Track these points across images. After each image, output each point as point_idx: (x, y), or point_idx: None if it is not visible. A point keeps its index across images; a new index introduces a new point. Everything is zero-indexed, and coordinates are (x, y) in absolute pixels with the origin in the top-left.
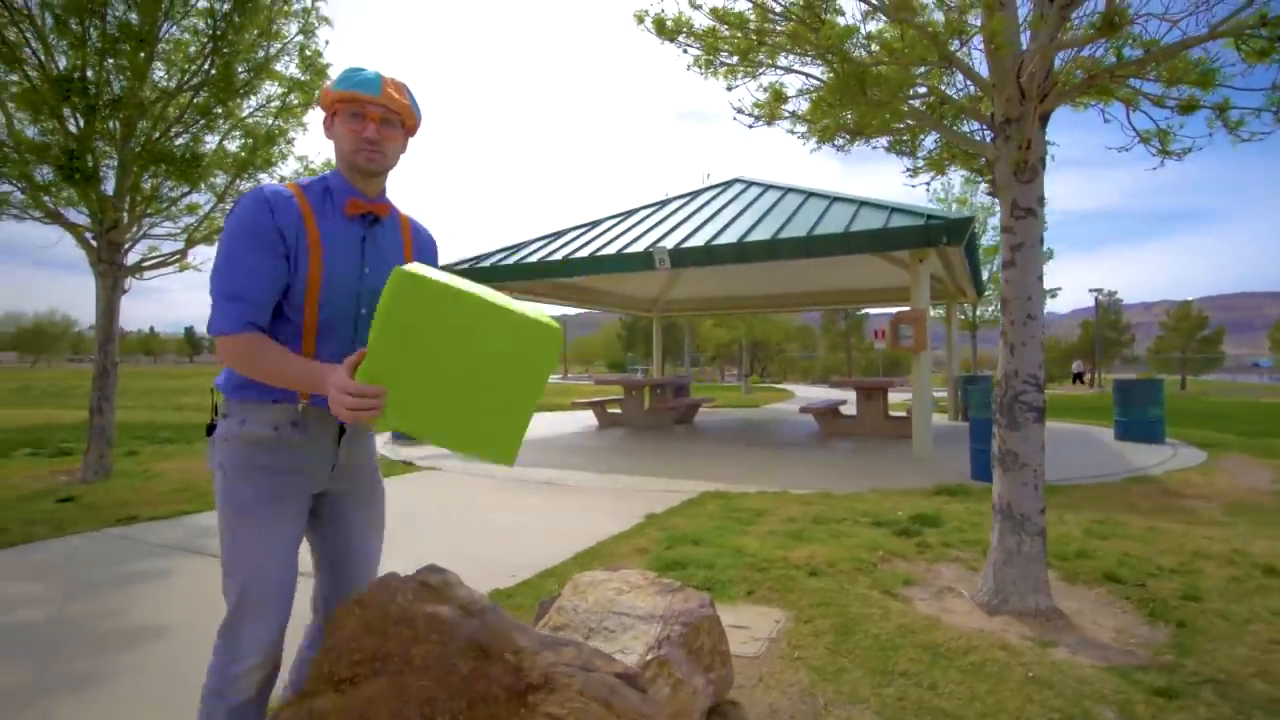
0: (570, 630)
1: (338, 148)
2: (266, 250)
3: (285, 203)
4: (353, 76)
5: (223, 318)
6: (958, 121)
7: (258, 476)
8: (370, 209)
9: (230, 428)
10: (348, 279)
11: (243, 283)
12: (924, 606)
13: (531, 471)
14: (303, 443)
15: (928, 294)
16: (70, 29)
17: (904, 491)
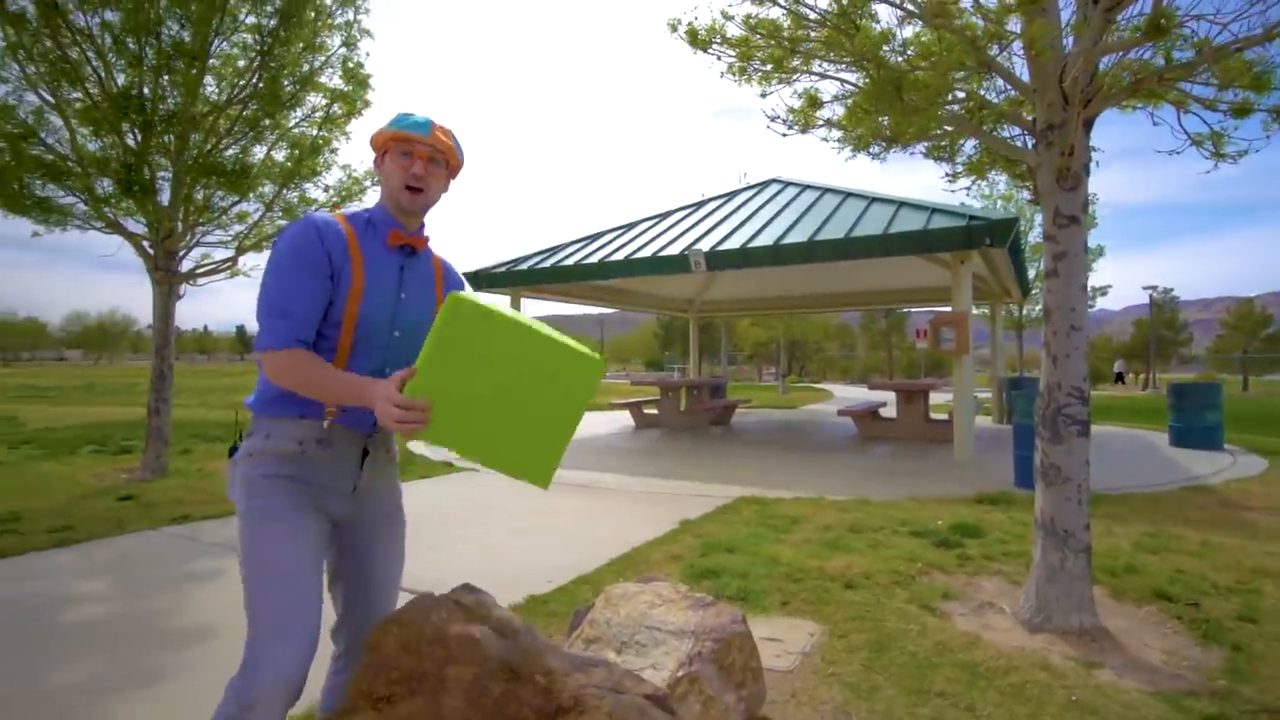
0: (603, 644)
1: (385, 184)
2: (313, 271)
3: (332, 229)
4: (405, 119)
5: (270, 334)
6: (998, 127)
7: (284, 486)
8: (410, 241)
9: (254, 443)
10: (385, 302)
11: (290, 302)
12: (963, 622)
13: (568, 474)
14: (327, 460)
15: (970, 295)
16: (127, 48)
17: (944, 499)
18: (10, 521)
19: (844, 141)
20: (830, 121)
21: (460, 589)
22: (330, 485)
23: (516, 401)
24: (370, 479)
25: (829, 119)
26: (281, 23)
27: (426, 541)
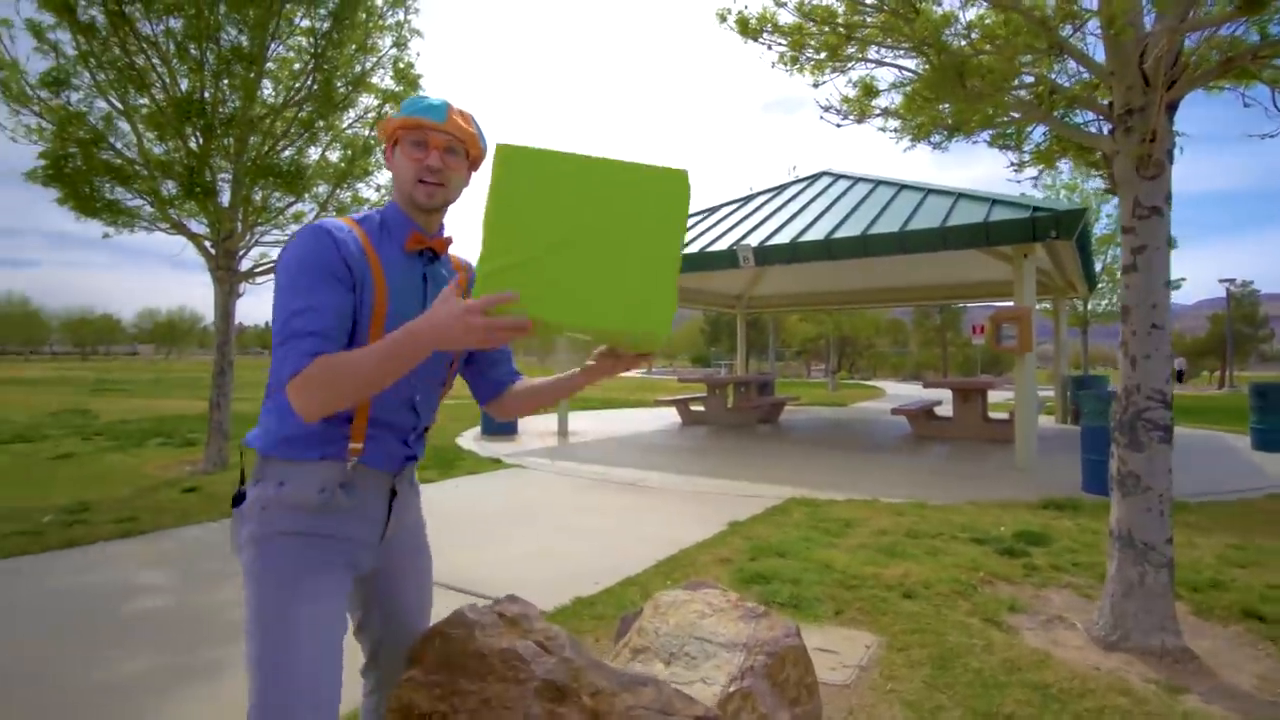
0: (651, 654)
1: (397, 178)
2: (332, 281)
3: (345, 232)
4: (417, 103)
5: (289, 360)
6: (1070, 113)
7: (302, 545)
8: (430, 244)
9: (266, 492)
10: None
11: (309, 319)
12: (1032, 638)
13: (615, 471)
14: (352, 508)
15: (1033, 291)
16: (189, 54)
17: (1006, 504)
18: (80, 512)
19: (902, 131)
20: (888, 110)
21: (505, 600)
22: (356, 537)
23: (603, 244)
24: (397, 521)
25: (886, 108)
26: (334, 25)
27: (472, 539)
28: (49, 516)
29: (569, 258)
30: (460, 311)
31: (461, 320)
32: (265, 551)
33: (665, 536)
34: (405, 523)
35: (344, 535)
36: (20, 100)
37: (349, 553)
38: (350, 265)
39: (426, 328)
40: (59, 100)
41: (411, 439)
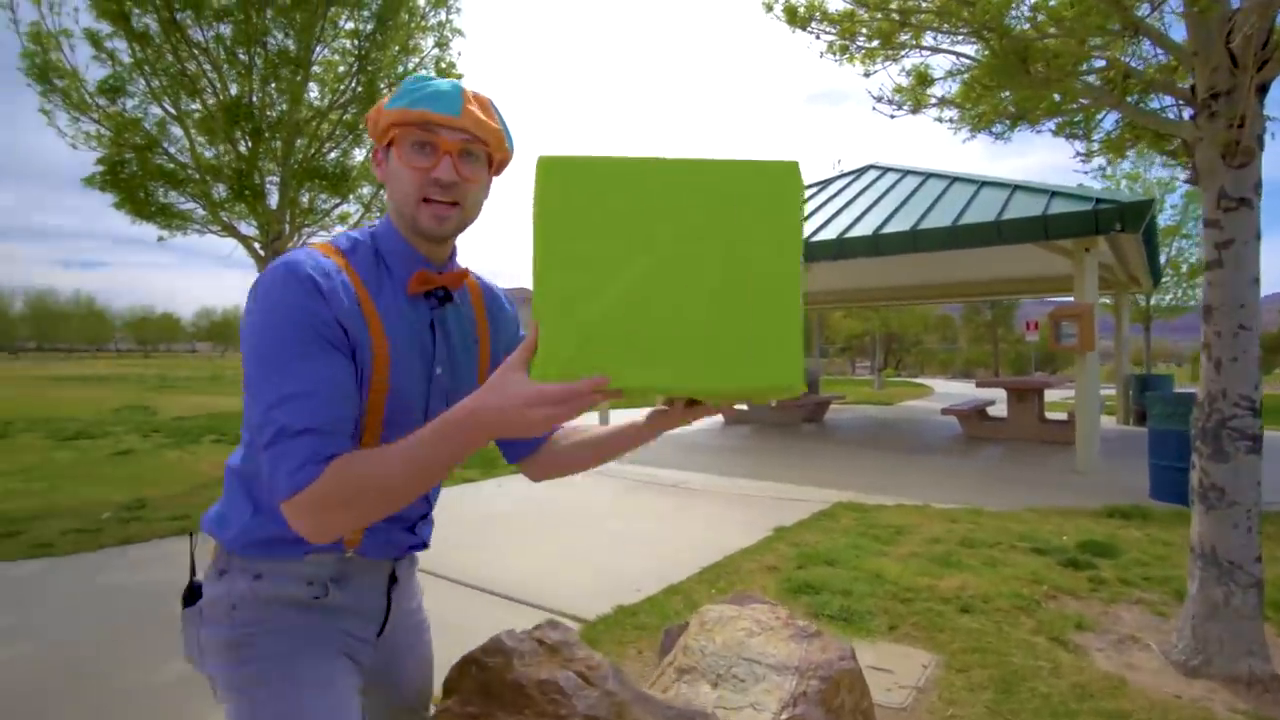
0: (697, 675)
1: (394, 193)
2: (327, 350)
3: (334, 279)
4: (420, 88)
5: (286, 470)
6: (1145, 98)
7: (300, 636)
8: (442, 282)
9: (235, 588)
10: (417, 389)
11: (304, 409)
12: (1103, 660)
13: (658, 473)
14: (346, 606)
15: (1095, 286)
16: (238, 59)
17: (1067, 511)
18: (137, 509)
19: (960, 121)
20: (944, 100)
21: (545, 625)
22: (351, 631)
23: (699, 275)
24: (398, 610)
25: (943, 97)
26: (378, 27)
27: (515, 541)
28: (107, 514)
29: (655, 299)
30: (521, 403)
31: (522, 414)
32: (248, 658)
33: (709, 542)
34: (406, 608)
35: (337, 628)
36: (81, 108)
37: (346, 643)
38: (345, 324)
39: (470, 421)
40: (115, 107)
41: (419, 525)
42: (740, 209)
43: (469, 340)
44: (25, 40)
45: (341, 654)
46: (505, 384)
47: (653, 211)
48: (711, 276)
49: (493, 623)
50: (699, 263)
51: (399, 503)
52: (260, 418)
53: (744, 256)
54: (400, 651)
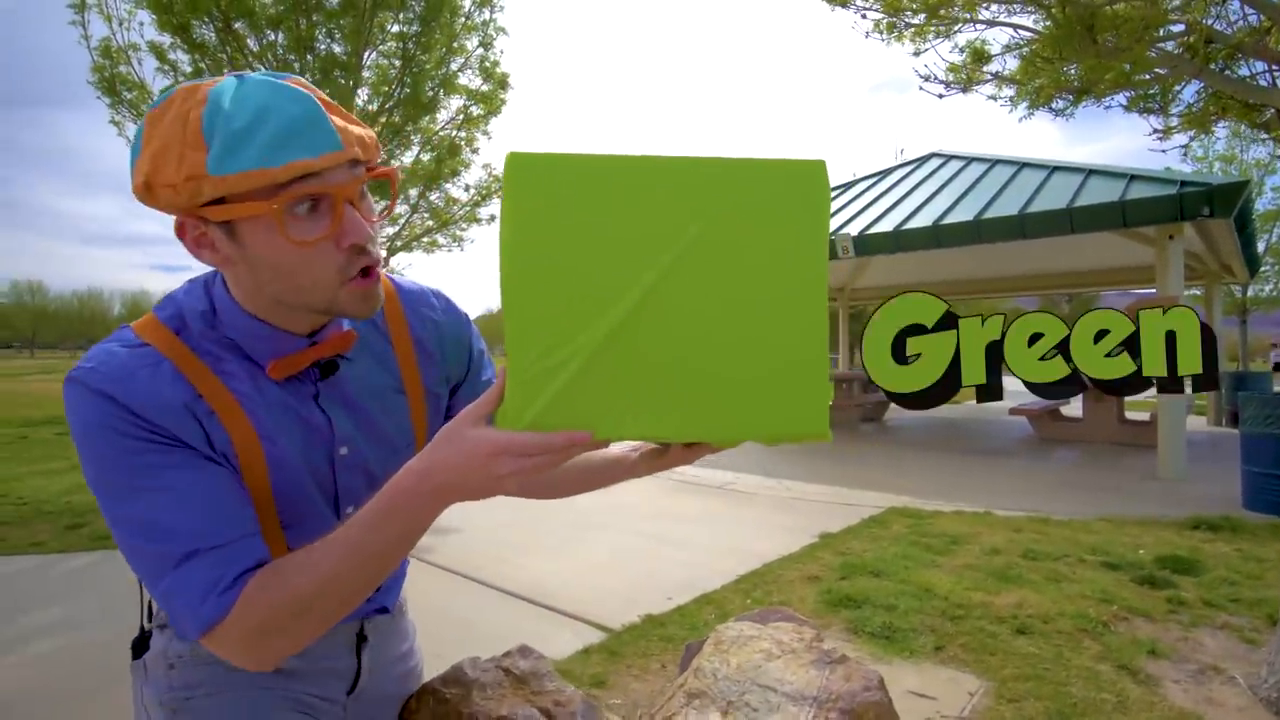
0: (707, 700)
1: (272, 285)
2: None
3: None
4: (261, 120)
5: (192, 605)
6: (1231, 65)
7: (233, 701)
8: (318, 355)
9: (171, 646)
10: (315, 481)
11: (179, 534)
12: (1178, 694)
13: (697, 472)
14: (301, 669)
15: (1180, 276)
16: (290, 65)
17: (1146, 522)
18: None
19: (1018, 98)
20: (1000, 76)
21: (516, 651)
22: (311, 693)
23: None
24: (372, 667)
25: (998, 73)
26: (423, 28)
27: (548, 543)
28: None
29: (651, 331)
30: (484, 457)
31: (486, 470)
32: (189, 713)
33: (750, 548)
34: (387, 658)
35: (289, 690)
36: None
37: (306, 705)
38: (171, 427)
39: (426, 487)
40: None
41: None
42: (755, 219)
43: (388, 393)
44: (96, 55)
45: (296, 714)
46: (463, 435)
47: (649, 222)
48: (720, 303)
49: (516, 628)
50: (704, 286)
51: (354, 602)
52: (133, 563)
53: (759, 278)
54: (383, 705)
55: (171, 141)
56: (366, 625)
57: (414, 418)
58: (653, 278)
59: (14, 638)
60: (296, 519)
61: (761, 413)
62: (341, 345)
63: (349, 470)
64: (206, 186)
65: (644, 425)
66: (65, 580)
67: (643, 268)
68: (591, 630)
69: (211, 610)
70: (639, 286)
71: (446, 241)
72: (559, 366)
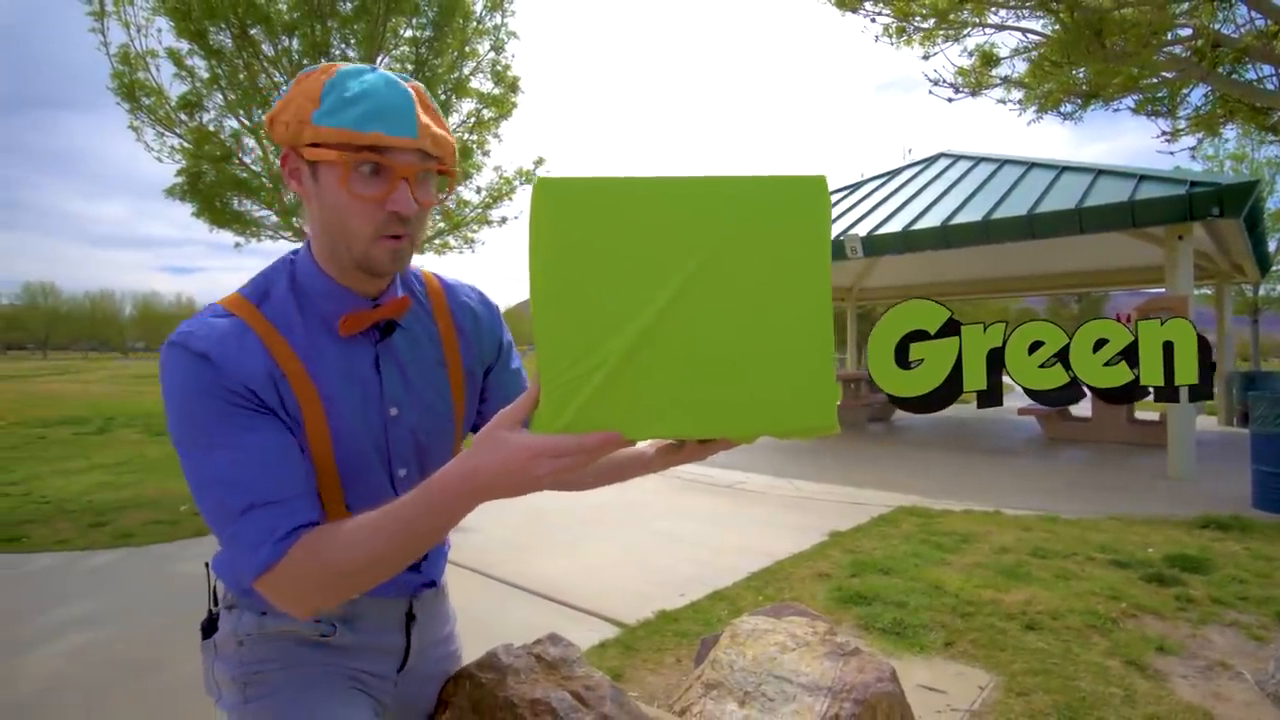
0: (724, 691)
1: (332, 225)
2: (248, 418)
3: (234, 343)
4: (365, 97)
5: (249, 549)
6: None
7: (308, 674)
8: (380, 316)
9: (242, 624)
10: (370, 438)
11: (247, 487)
12: (1186, 689)
13: (713, 471)
14: (356, 645)
15: (1190, 276)
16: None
17: (1155, 520)
18: None
19: (1026, 102)
20: (1009, 80)
21: (546, 639)
22: (367, 670)
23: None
24: (420, 645)
25: (1007, 77)
26: (435, 33)
27: (562, 540)
28: (185, 506)
29: (671, 338)
30: (526, 458)
31: (526, 471)
32: (253, 695)
33: (759, 546)
34: (432, 639)
35: (348, 665)
36: (165, 123)
37: (364, 683)
38: (255, 388)
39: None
40: (194, 121)
41: (424, 563)
42: (763, 232)
43: (432, 365)
44: (115, 62)
45: (354, 690)
46: (504, 439)
47: (667, 238)
48: (733, 310)
49: (533, 624)
50: (719, 295)
51: (391, 574)
52: (206, 506)
53: (768, 286)
54: (428, 686)
55: (298, 95)
56: (415, 604)
57: (454, 391)
58: (672, 289)
59: (41, 632)
60: (354, 476)
61: (774, 409)
62: (398, 309)
63: (399, 431)
64: (307, 131)
65: (668, 425)
66: (88, 577)
67: (662, 280)
68: (607, 625)
69: (267, 556)
70: (660, 298)
71: (458, 243)
72: (589, 373)
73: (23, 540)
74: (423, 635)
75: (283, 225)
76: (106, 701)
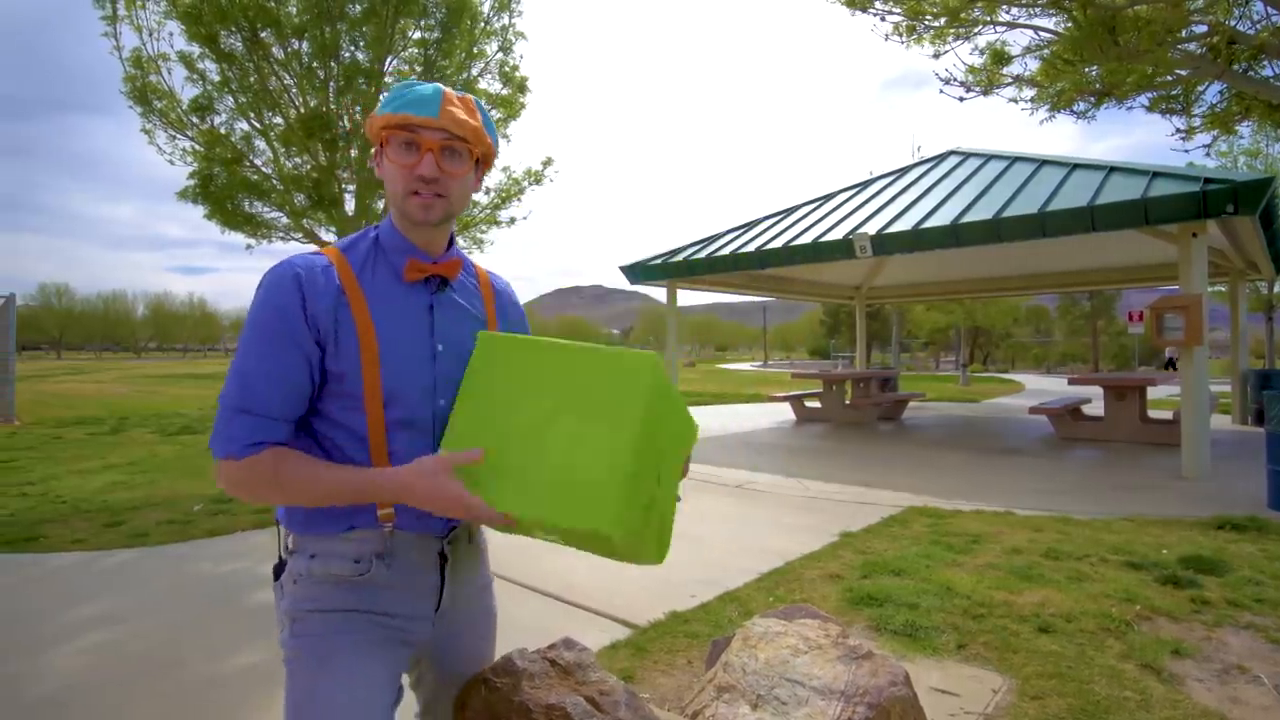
0: (737, 694)
1: (388, 189)
2: (289, 347)
3: (319, 278)
4: (403, 94)
5: (224, 438)
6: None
7: (339, 621)
8: (436, 270)
9: (298, 565)
10: (417, 364)
11: (252, 391)
12: (1202, 692)
13: (723, 472)
14: (393, 582)
15: (1204, 274)
16: (314, 72)
17: (1170, 521)
18: (226, 502)
19: (1038, 100)
20: (1021, 79)
21: (560, 643)
22: (405, 612)
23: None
24: (454, 586)
25: (1019, 75)
26: (444, 34)
27: None
28: (198, 506)
29: (528, 448)
30: (447, 499)
31: (444, 508)
32: (297, 631)
33: (771, 547)
34: (465, 581)
35: (389, 611)
36: (177, 126)
37: (397, 628)
38: (317, 321)
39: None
40: (206, 124)
41: None
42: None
43: (473, 320)
44: (127, 65)
45: (384, 644)
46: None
47: (545, 384)
48: (566, 438)
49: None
50: (562, 427)
51: (314, 505)
52: (227, 385)
53: (595, 426)
54: (461, 628)
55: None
56: (448, 546)
57: None
58: (538, 415)
59: (62, 630)
60: (397, 393)
61: (573, 508)
62: (451, 269)
63: (442, 366)
64: (374, 122)
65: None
66: (105, 576)
67: (535, 408)
68: (618, 626)
69: (237, 450)
70: (528, 419)
71: (467, 243)
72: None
73: (40, 540)
74: (456, 574)
75: (293, 227)
76: (127, 699)
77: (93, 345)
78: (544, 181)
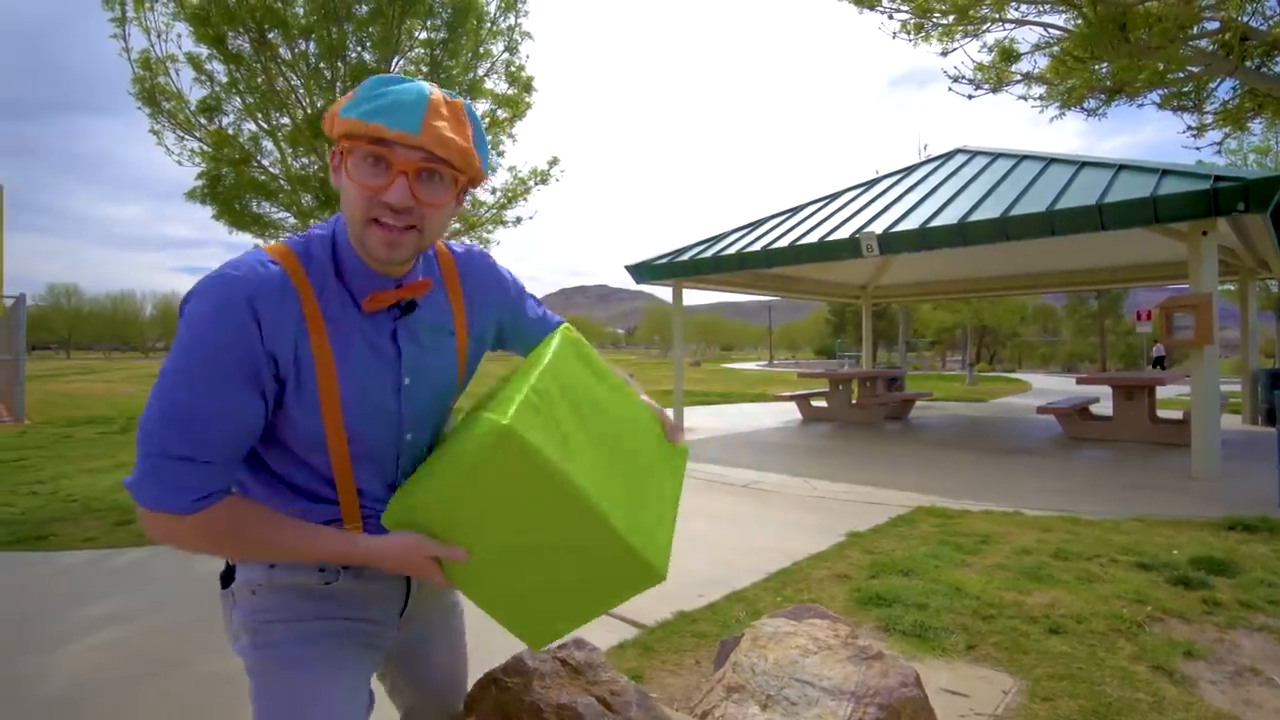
0: (746, 695)
1: (345, 211)
2: (242, 384)
3: (277, 300)
4: (379, 95)
5: (166, 489)
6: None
7: (305, 630)
8: (401, 295)
9: (254, 575)
10: (381, 398)
11: (203, 434)
12: (1215, 694)
13: (729, 472)
14: (360, 590)
15: (1214, 273)
16: (321, 73)
17: (1180, 522)
18: None
19: (1048, 98)
20: (1030, 76)
21: (571, 644)
22: (372, 617)
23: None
24: (420, 593)
25: (1028, 73)
26: (450, 35)
27: None
28: None
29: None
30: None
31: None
32: (259, 643)
33: (778, 546)
34: (432, 589)
35: (355, 617)
36: (185, 127)
37: (363, 632)
38: (276, 355)
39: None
40: (214, 125)
41: None
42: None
43: (442, 335)
44: (136, 67)
45: (353, 648)
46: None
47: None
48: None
49: None
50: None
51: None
52: (149, 418)
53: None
54: (431, 631)
55: (346, 95)
56: None
57: (459, 358)
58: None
59: (73, 628)
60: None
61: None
62: (420, 290)
63: (411, 400)
64: (336, 124)
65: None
66: (116, 574)
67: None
68: (626, 626)
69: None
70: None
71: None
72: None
73: (50, 539)
74: (422, 586)
75: (301, 228)
76: (138, 697)
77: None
78: (550, 181)
